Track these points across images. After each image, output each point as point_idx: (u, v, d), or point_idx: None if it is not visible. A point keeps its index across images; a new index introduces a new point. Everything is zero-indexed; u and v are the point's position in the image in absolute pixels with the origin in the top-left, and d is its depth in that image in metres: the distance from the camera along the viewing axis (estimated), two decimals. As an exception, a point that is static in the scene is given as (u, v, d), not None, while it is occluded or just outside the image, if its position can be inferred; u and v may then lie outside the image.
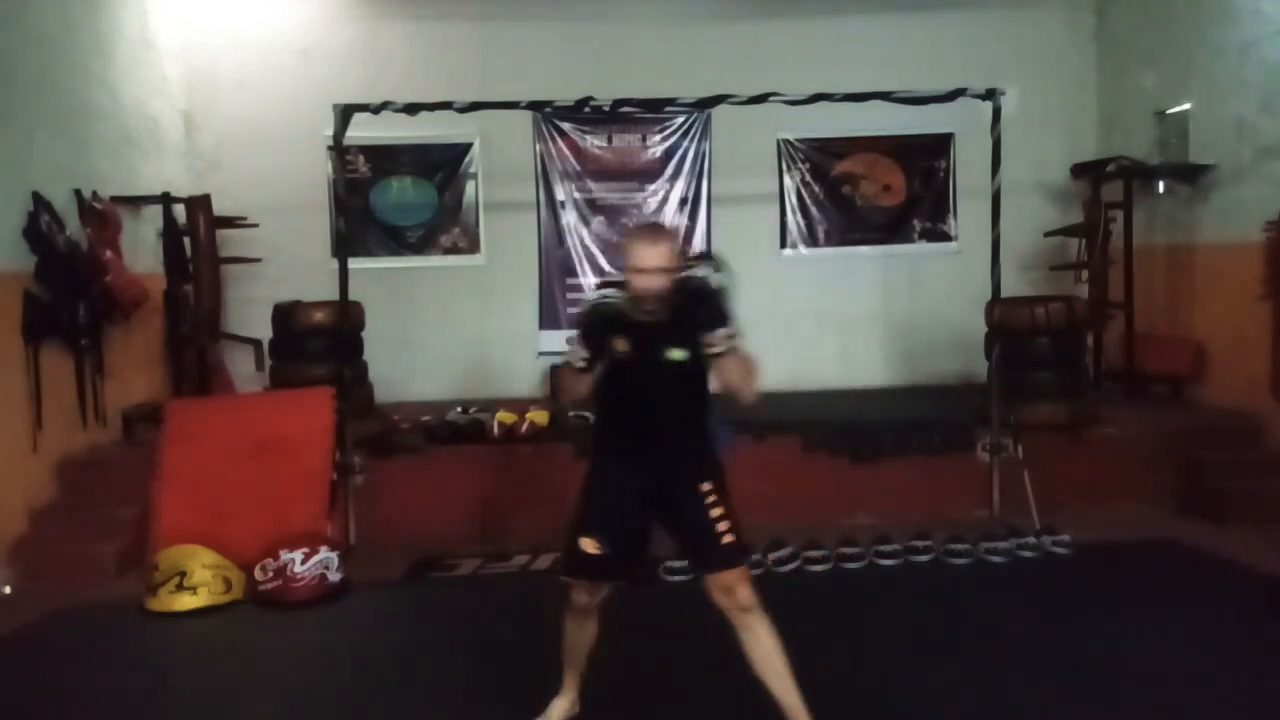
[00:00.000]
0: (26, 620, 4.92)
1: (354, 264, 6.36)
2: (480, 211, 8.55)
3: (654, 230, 3.45)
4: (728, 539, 3.27)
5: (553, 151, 8.55)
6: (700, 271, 3.29)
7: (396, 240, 8.50)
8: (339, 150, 6.27)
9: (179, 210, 7.06)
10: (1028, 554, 5.37)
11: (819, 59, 8.22)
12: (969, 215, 8.42)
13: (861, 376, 8.57)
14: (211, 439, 5.87)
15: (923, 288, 8.62)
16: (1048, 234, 8.20)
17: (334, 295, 6.19)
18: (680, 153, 8.61)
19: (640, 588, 4.57)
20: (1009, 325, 6.43)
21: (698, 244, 8.61)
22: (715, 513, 3.28)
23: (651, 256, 3.15)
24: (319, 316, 6.63)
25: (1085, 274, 7.66)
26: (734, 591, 3.24)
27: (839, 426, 6.56)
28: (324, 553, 5.13)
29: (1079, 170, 8.20)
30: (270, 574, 5.03)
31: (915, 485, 6.27)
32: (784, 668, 3.26)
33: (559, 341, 8.40)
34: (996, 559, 5.33)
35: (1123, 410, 6.97)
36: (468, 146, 8.48)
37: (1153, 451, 6.42)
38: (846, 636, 4.42)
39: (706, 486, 3.31)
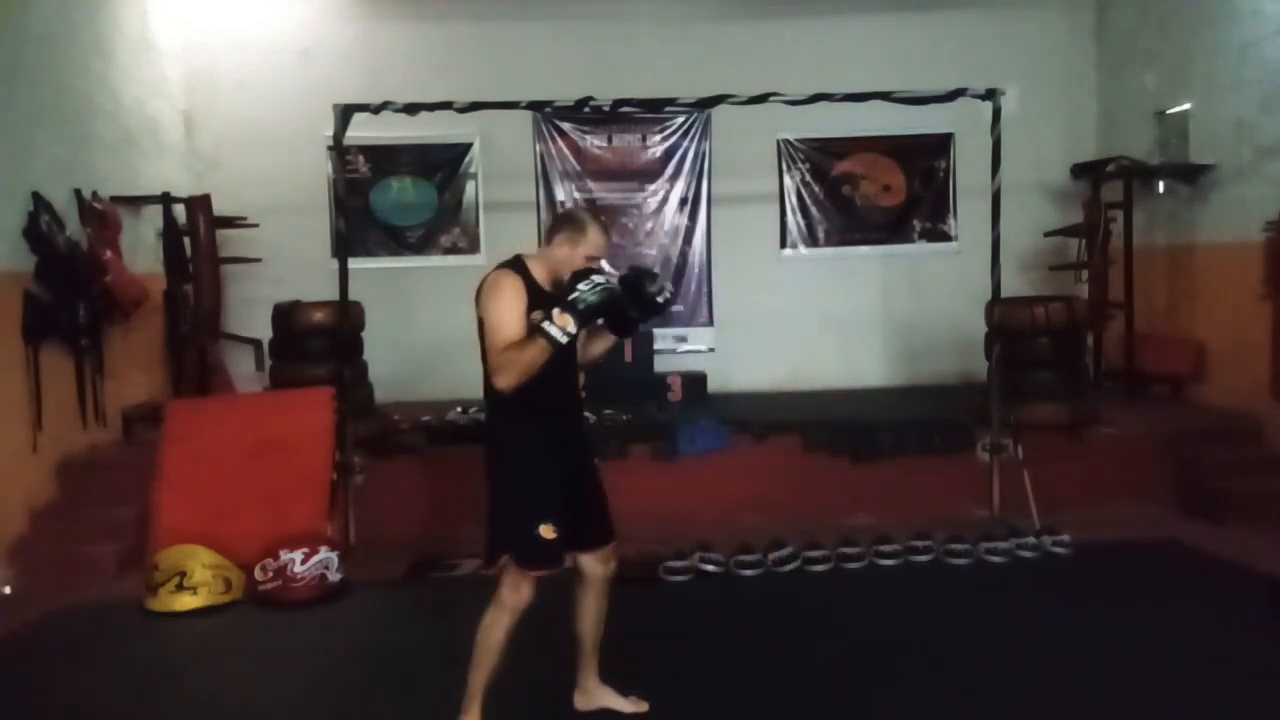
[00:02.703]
0: (26, 620, 4.93)
1: (354, 264, 6.36)
2: (480, 211, 8.55)
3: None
4: (610, 512, 3.54)
5: (553, 151, 8.56)
6: None
7: (396, 240, 8.50)
8: (339, 150, 6.27)
9: (179, 210, 7.07)
10: (1028, 554, 5.37)
11: (819, 59, 8.22)
12: (969, 215, 8.42)
13: (861, 376, 8.57)
14: (211, 439, 5.87)
15: (923, 288, 8.62)
16: (1048, 234, 8.20)
17: (334, 295, 6.19)
18: (680, 153, 8.61)
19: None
20: (1009, 325, 6.43)
21: (698, 244, 8.65)
22: (604, 487, 3.53)
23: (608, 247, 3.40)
24: (319, 316, 6.62)
25: (1085, 274, 7.67)
26: (611, 560, 3.53)
27: (839, 426, 6.56)
28: (324, 553, 5.13)
29: (1079, 170, 8.21)
30: (270, 574, 5.03)
31: (915, 485, 6.27)
32: (602, 625, 3.58)
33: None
34: (996, 559, 5.33)
35: (1123, 410, 6.97)
36: (468, 146, 8.48)
37: (1153, 451, 6.41)
38: (846, 636, 4.42)
39: (596, 461, 3.54)
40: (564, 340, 3.10)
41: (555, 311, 3.10)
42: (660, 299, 3.33)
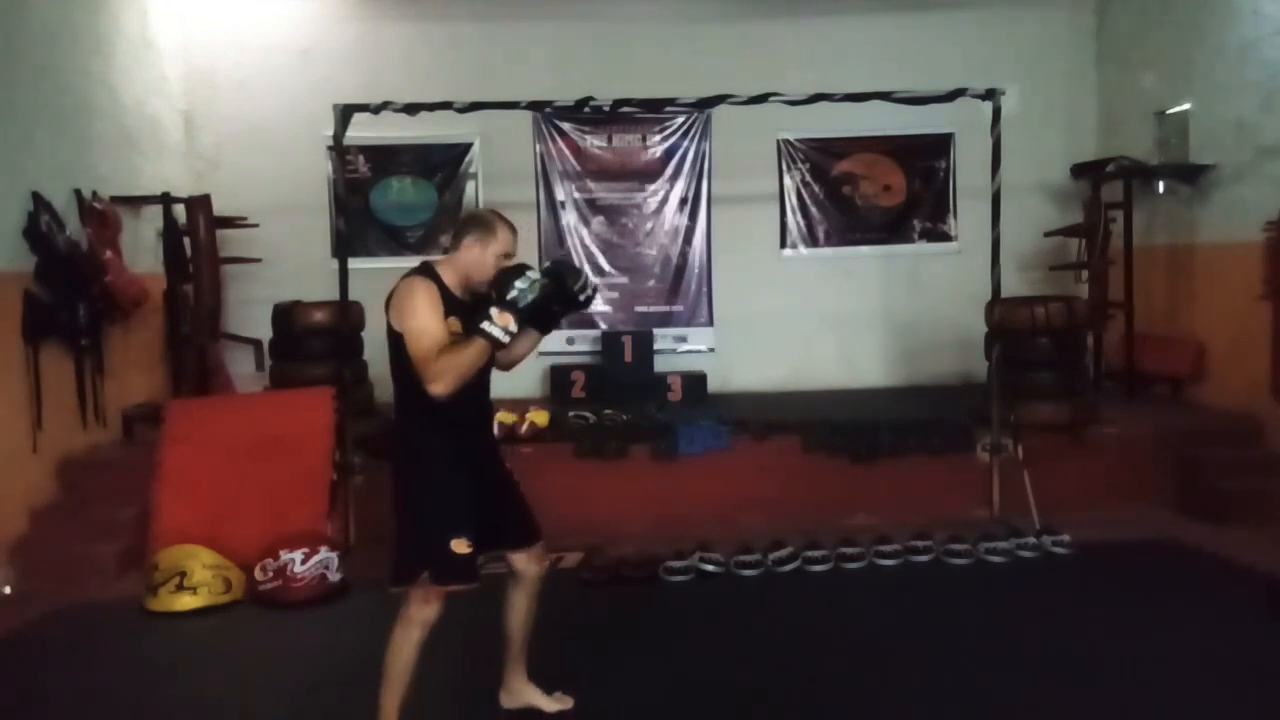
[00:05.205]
0: (26, 620, 4.93)
1: (354, 264, 6.36)
2: (480, 212, 8.55)
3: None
4: (533, 512, 3.50)
5: (553, 151, 8.56)
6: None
7: (396, 240, 8.50)
8: (339, 150, 6.27)
9: (179, 210, 7.06)
10: (1028, 554, 5.37)
11: (819, 59, 8.23)
12: (969, 215, 8.42)
13: (861, 376, 8.57)
14: (211, 439, 5.88)
15: (923, 288, 8.62)
16: (1048, 234, 8.20)
17: (334, 295, 6.20)
18: (680, 153, 8.61)
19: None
20: (1009, 325, 6.43)
21: (698, 244, 8.65)
22: (520, 489, 3.50)
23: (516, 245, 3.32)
24: (319, 316, 6.63)
25: (1085, 274, 7.67)
26: (542, 559, 3.52)
27: (839, 426, 6.55)
28: (324, 553, 5.13)
29: (1079, 170, 8.21)
30: (270, 574, 5.03)
31: (915, 485, 6.27)
32: (531, 624, 3.57)
33: (559, 341, 8.48)
34: (996, 559, 5.33)
35: (1123, 410, 6.97)
36: (468, 146, 8.48)
37: (1153, 451, 6.41)
38: (846, 636, 4.42)
39: (508, 464, 3.51)
40: (505, 340, 3.04)
41: (494, 311, 3.03)
42: (582, 296, 3.30)
